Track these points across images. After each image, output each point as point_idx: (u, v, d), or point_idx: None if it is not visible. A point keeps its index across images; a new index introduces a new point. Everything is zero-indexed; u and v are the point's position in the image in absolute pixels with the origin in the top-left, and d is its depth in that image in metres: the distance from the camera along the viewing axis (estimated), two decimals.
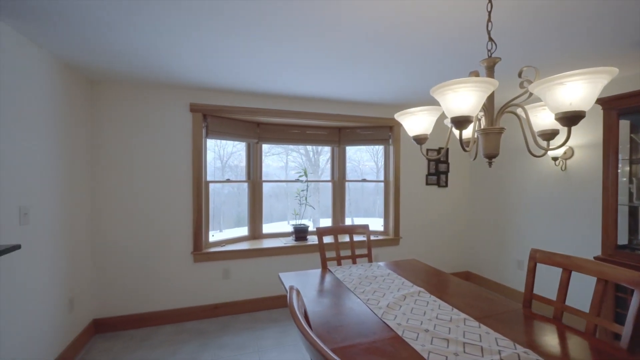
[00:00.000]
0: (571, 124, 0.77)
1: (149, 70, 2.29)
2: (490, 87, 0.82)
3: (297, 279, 1.86)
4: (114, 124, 2.62)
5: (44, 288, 1.93)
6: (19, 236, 1.70)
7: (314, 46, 1.86)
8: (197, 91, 2.83)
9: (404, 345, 1.14)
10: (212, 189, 3.10)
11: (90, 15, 1.51)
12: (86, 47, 1.89)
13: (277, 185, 3.68)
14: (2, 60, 1.58)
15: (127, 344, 2.41)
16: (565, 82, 0.73)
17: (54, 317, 2.03)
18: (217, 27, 1.62)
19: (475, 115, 0.91)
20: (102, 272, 2.60)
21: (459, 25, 1.56)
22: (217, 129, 3.00)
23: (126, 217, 2.65)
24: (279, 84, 2.64)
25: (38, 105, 1.88)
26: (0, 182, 1.57)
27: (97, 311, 2.59)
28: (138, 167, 2.68)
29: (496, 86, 0.83)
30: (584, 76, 0.71)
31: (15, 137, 1.68)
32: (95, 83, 2.57)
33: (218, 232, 3.31)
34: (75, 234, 2.31)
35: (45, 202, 1.94)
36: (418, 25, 1.58)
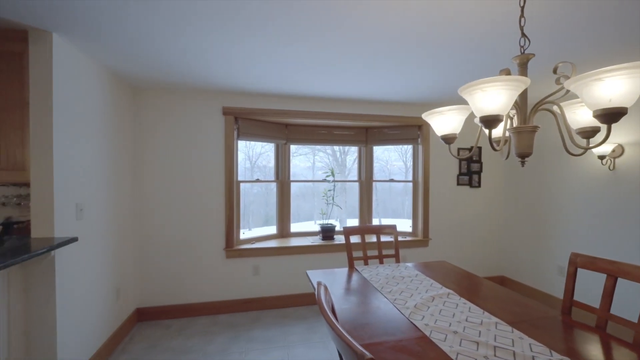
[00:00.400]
0: (611, 121, 0.73)
1: (184, 77, 2.44)
2: (521, 86, 0.80)
3: (324, 277, 1.90)
4: (154, 127, 2.82)
5: (96, 277, 2.13)
6: (76, 230, 1.90)
7: (342, 49, 1.89)
8: (229, 95, 2.97)
9: (432, 345, 1.13)
10: (242, 188, 3.24)
11: (135, 30, 1.66)
12: (130, 58, 2.07)
13: (304, 185, 3.75)
14: (60, 69, 1.78)
15: (166, 333, 2.59)
16: (603, 78, 0.70)
17: (104, 304, 2.23)
18: (249, 35, 1.71)
19: (506, 114, 0.89)
20: (144, 265, 2.82)
21: (489, 20, 1.51)
22: (248, 130, 3.12)
23: (165, 214, 2.85)
24: (306, 86, 2.70)
25: (90, 112, 2.08)
26: (61, 182, 1.77)
27: (140, 301, 2.81)
28: (175, 168, 2.87)
29: (527, 84, 0.81)
30: (624, 71, 0.67)
31: (72, 141, 1.88)
32: (138, 90, 2.78)
33: (247, 230, 3.44)
34: (120, 230, 2.52)
35: (96, 200, 2.15)
36: (446, 23, 1.55)
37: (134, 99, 2.77)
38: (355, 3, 1.39)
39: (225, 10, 1.47)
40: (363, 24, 1.58)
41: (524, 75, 0.98)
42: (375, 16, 1.50)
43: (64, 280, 1.77)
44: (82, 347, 1.95)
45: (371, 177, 3.71)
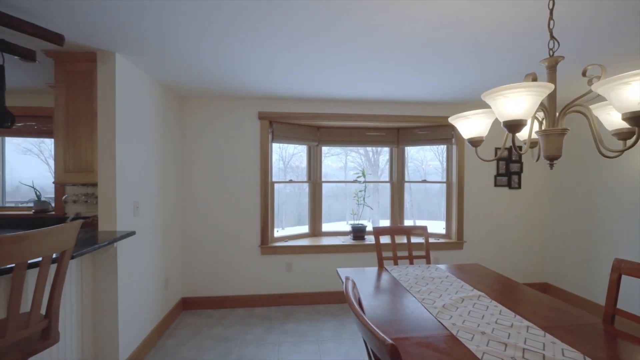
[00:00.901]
0: (637, 124, 0.72)
1: (224, 86, 2.64)
2: (544, 91, 0.80)
3: (354, 275, 1.96)
4: (197, 133, 3.07)
5: (148, 268, 2.39)
6: (133, 225, 2.15)
7: (373, 52, 1.94)
8: (264, 100, 3.14)
9: (458, 344, 1.16)
10: (275, 188, 3.40)
11: (182, 48, 1.85)
12: (178, 72, 2.29)
13: (336, 185, 3.83)
14: (121, 84, 2.03)
15: (208, 321, 2.82)
16: (630, 82, 0.69)
17: (155, 292, 2.49)
18: (281, 44, 1.83)
19: (532, 117, 0.90)
20: (189, 258, 3.08)
21: (522, 20, 1.48)
22: (282, 133, 3.27)
23: (206, 212, 3.09)
24: (338, 89, 2.78)
25: (144, 120, 2.34)
26: (122, 182, 2.03)
27: (185, 291, 3.07)
28: (216, 170, 3.10)
29: (551, 89, 0.82)
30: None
31: (130, 146, 2.14)
32: (184, 99, 3.05)
33: (281, 229, 3.60)
34: (168, 226, 2.79)
35: (149, 199, 2.41)
36: (481, 25, 1.54)
37: (180, 107, 3.04)
38: (388, 11, 1.45)
39: (265, 28, 1.60)
40: (397, 30, 1.62)
41: (553, 78, 0.97)
42: (408, 22, 1.54)
43: (124, 269, 2.02)
44: (138, 328, 2.20)
45: (403, 178, 3.69)
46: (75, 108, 1.98)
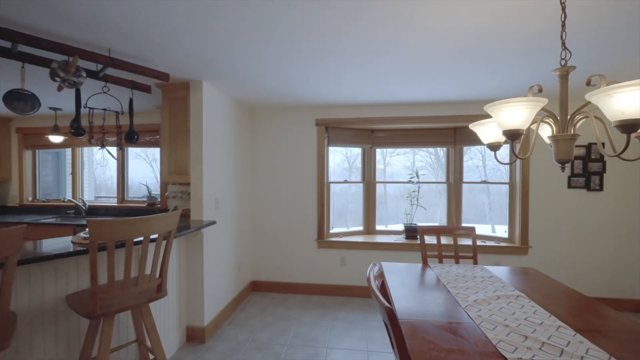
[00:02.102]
0: (628, 131, 0.77)
1: (286, 98, 3.05)
2: (538, 105, 0.89)
3: (396, 269, 2.12)
4: (264, 139, 3.57)
5: (226, 252, 2.93)
6: (214, 216, 2.69)
7: (424, 56, 2.00)
8: (321, 108, 3.47)
9: (477, 331, 1.26)
10: (340, 188, 3.70)
11: (253, 73, 2.27)
12: (249, 91, 2.76)
13: (403, 186, 3.91)
14: (206, 104, 2.57)
15: (272, 302, 3.27)
16: (613, 94, 0.76)
17: (230, 273, 3.03)
18: (348, 66, 2.11)
19: (538, 123, 1.00)
20: (257, 247, 3.60)
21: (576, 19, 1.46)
22: (337, 138, 3.56)
23: (272, 208, 3.56)
24: (391, 94, 2.91)
25: (223, 131, 2.88)
26: (207, 182, 2.57)
27: (254, 275, 3.60)
28: (279, 170, 3.55)
29: (544, 103, 0.90)
30: (633, 87, 0.73)
31: (213, 153, 2.68)
32: (254, 111, 3.58)
33: (345, 228, 3.88)
34: (241, 218, 3.33)
35: (226, 195, 2.95)
36: (542, 24, 1.54)
37: (251, 118, 3.58)
38: (442, 19, 1.58)
39: (325, 47, 1.88)
40: (449, 33, 1.67)
41: (565, 86, 1.02)
42: (460, 24, 1.56)
43: (208, 250, 2.56)
44: (217, 299, 2.74)
45: (460, 178, 3.62)
46: (175, 125, 2.60)
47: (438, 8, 1.39)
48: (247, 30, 1.62)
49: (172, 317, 2.32)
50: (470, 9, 1.40)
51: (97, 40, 1.69)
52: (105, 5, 1.38)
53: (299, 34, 1.68)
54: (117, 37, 1.68)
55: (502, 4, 1.36)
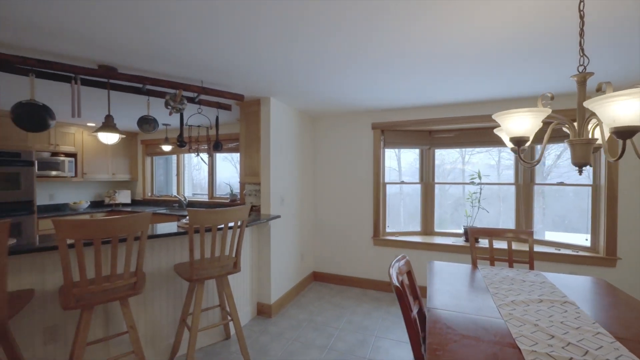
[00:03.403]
0: (623, 137, 0.81)
1: (344, 105, 3.33)
2: (541, 115, 0.96)
3: (440, 267, 2.20)
4: (325, 143, 3.91)
5: (289, 243, 3.36)
6: (279, 211, 3.14)
7: (484, 58, 2.05)
8: (376, 113, 3.65)
9: (502, 326, 1.33)
10: (407, 189, 3.83)
11: (313, 87, 2.62)
12: (310, 102, 3.13)
13: (457, 187, 3.86)
14: (273, 116, 3.03)
15: (330, 292, 3.59)
16: (602, 104, 0.82)
17: (293, 262, 3.45)
18: (391, 76, 2.31)
19: (551, 127, 1.07)
20: (318, 240, 3.97)
21: None
22: (393, 140, 3.68)
23: (331, 206, 3.89)
24: (448, 95, 2.92)
25: (287, 138, 3.32)
26: (274, 182, 3.03)
27: (315, 266, 3.98)
28: (338, 172, 3.85)
29: (548, 113, 0.96)
30: (620, 97, 0.78)
31: (279, 157, 3.13)
32: (315, 119, 3.96)
33: (398, 227, 3.99)
34: (304, 214, 3.74)
35: (290, 194, 3.38)
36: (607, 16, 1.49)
37: (312, 125, 3.97)
38: (497, 17, 1.69)
39: (376, 60, 2.13)
40: (503, 29, 1.65)
41: (583, 92, 1.04)
42: (511, 22, 1.54)
43: (274, 239, 3.02)
44: (282, 283, 3.18)
45: (532, 179, 3.35)
46: (250, 134, 3.13)
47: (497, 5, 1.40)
48: (303, 53, 1.95)
49: (246, 293, 2.83)
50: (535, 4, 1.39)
51: (193, 75, 2.26)
52: (199, 51, 1.88)
53: (348, 52, 1.94)
54: (207, 72, 2.21)
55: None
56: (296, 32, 1.64)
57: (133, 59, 1.96)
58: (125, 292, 1.67)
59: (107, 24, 1.54)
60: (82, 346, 1.58)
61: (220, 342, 2.48)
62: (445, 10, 1.42)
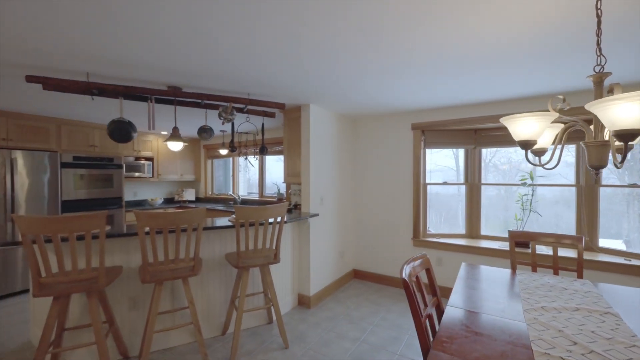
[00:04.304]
0: (624, 140, 0.81)
1: (384, 107, 3.40)
2: (548, 119, 0.98)
3: (473, 270, 2.17)
4: (364, 144, 4.02)
5: (328, 240, 3.55)
6: (319, 210, 3.35)
7: (522, 48, 2.07)
8: (416, 113, 3.63)
9: (521, 328, 1.33)
10: (451, 190, 3.77)
11: (353, 93, 2.77)
12: (350, 106, 3.28)
13: (505, 188, 3.64)
14: (313, 120, 3.24)
15: (368, 290, 3.68)
16: (601, 108, 0.83)
17: (332, 259, 3.63)
18: (434, 70, 2.36)
19: (564, 130, 1.08)
20: (359, 239, 4.09)
21: None
22: (434, 140, 3.63)
23: (371, 205, 3.98)
24: (492, 93, 2.81)
25: (327, 140, 3.51)
26: (314, 183, 3.24)
27: (356, 264, 4.10)
28: (378, 172, 3.92)
29: (554, 117, 0.97)
30: (620, 100, 0.78)
31: (318, 159, 3.34)
32: (355, 121, 4.08)
33: (442, 228, 3.91)
34: (344, 213, 3.89)
35: (330, 194, 3.57)
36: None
37: (352, 127, 4.10)
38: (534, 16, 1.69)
39: (418, 63, 2.22)
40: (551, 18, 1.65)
41: (600, 93, 1.02)
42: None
43: (313, 236, 3.24)
44: (321, 277, 3.39)
45: (597, 180, 3.02)
46: (292, 138, 3.39)
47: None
48: (343, 66, 2.12)
49: (287, 283, 3.10)
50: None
51: (242, 89, 2.58)
52: (246, 70, 2.17)
53: (391, 61, 2.04)
54: (253, 85, 2.51)
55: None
56: (337, 48, 1.81)
57: (194, 80, 2.34)
58: (186, 272, 2.03)
59: (175, 56, 1.90)
60: (155, 314, 1.97)
61: (264, 325, 2.77)
62: (489, 10, 1.42)
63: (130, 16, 1.45)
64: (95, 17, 1.45)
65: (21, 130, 3.56)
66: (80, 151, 4.06)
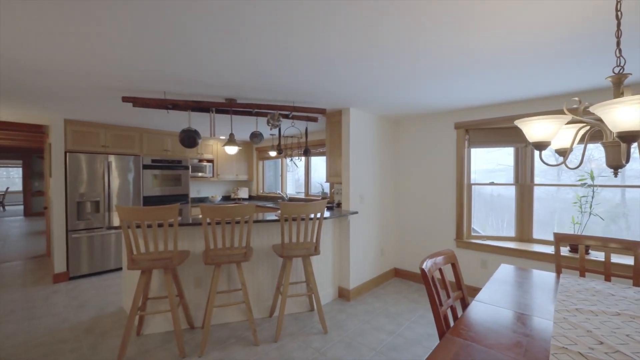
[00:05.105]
0: (626, 141, 0.84)
1: (427, 107, 3.43)
2: (560, 121, 1.03)
3: (511, 270, 2.14)
4: (406, 144, 4.06)
5: (367, 237, 3.68)
6: (358, 208, 3.51)
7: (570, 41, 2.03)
8: (460, 112, 3.58)
9: (545, 326, 1.35)
10: (501, 191, 3.67)
11: (392, 98, 2.90)
12: (389, 108, 3.39)
13: (564, 189, 3.40)
14: (353, 123, 3.42)
15: (408, 288, 3.73)
16: (602, 110, 0.88)
17: (372, 255, 3.76)
18: (481, 68, 2.41)
19: (587, 131, 1.13)
20: (400, 238, 4.14)
21: None
22: (479, 139, 3.53)
23: (413, 205, 4.00)
24: (545, 87, 2.67)
25: (367, 141, 3.66)
26: (353, 182, 3.42)
27: (397, 263, 4.16)
28: (420, 172, 3.94)
29: (567, 120, 1.02)
30: (621, 104, 0.83)
31: (358, 159, 3.50)
32: (397, 122, 4.15)
33: (491, 230, 3.78)
34: (384, 212, 3.98)
35: (370, 193, 3.70)
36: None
37: (392, 127, 4.17)
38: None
39: (462, 63, 2.31)
40: None
41: (618, 93, 1.03)
42: None
43: (353, 232, 3.41)
44: (360, 273, 3.54)
45: None
46: (333, 140, 3.61)
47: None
48: (384, 71, 2.28)
49: (328, 275, 3.32)
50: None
51: (287, 98, 2.88)
52: (290, 82, 2.45)
53: (434, 62, 2.16)
54: (296, 94, 2.79)
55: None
56: (376, 55, 1.98)
57: (246, 93, 2.70)
58: (239, 258, 2.38)
59: (231, 75, 2.26)
60: (214, 292, 2.35)
61: (306, 312, 3.04)
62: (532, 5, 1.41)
63: (195, 48, 1.81)
64: (173, 51, 1.84)
65: (115, 138, 4.36)
66: (156, 155, 4.81)
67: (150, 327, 2.61)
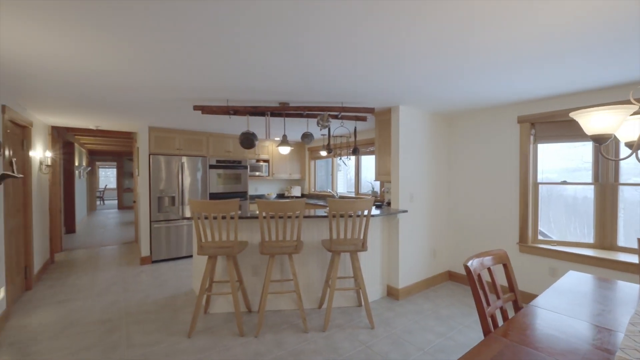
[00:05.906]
0: (597, 142, 0.78)
1: (485, 101, 3.21)
2: (626, 112, 0.94)
3: (580, 277, 1.93)
4: (461, 141, 3.85)
5: (418, 237, 3.60)
6: (408, 207, 3.46)
7: None
8: (523, 104, 3.28)
9: (612, 336, 1.23)
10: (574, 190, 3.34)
11: (444, 94, 2.83)
12: (442, 104, 3.28)
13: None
14: (402, 121, 3.38)
15: (463, 292, 3.55)
16: (573, 117, 0.82)
17: (423, 257, 3.66)
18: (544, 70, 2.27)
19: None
20: (454, 240, 3.95)
21: None
22: (547, 134, 3.20)
23: (469, 204, 3.79)
24: (621, 74, 2.41)
25: (418, 139, 3.58)
26: (403, 181, 3.39)
27: (451, 265, 3.98)
28: (476, 169, 3.71)
29: (633, 110, 0.92)
30: (592, 112, 0.75)
31: (407, 157, 3.45)
32: (449, 118, 3.96)
33: (564, 235, 3.41)
34: (437, 211, 3.85)
35: (420, 191, 3.61)
36: None
37: (446, 124, 3.99)
38: None
39: (521, 54, 2.21)
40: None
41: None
42: None
43: (402, 231, 3.38)
44: (410, 273, 3.48)
45: None
46: (382, 139, 3.62)
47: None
48: (435, 69, 2.27)
49: (376, 273, 3.35)
50: None
51: (335, 99, 2.99)
52: (340, 85, 2.55)
53: (490, 52, 2.10)
54: (345, 96, 2.88)
55: None
56: (430, 52, 2.00)
57: (298, 97, 2.89)
58: (291, 250, 2.57)
59: (286, 82, 2.45)
60: (269, 280, 2.57)
61: (353, 307, 3.11)
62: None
63: (255, 59, 2.02)
64: (234, 67, 2.09)
65: (186, 142, 4.98)
66: (220, 156, 5.35)
67: (215, 307, 2.96)
